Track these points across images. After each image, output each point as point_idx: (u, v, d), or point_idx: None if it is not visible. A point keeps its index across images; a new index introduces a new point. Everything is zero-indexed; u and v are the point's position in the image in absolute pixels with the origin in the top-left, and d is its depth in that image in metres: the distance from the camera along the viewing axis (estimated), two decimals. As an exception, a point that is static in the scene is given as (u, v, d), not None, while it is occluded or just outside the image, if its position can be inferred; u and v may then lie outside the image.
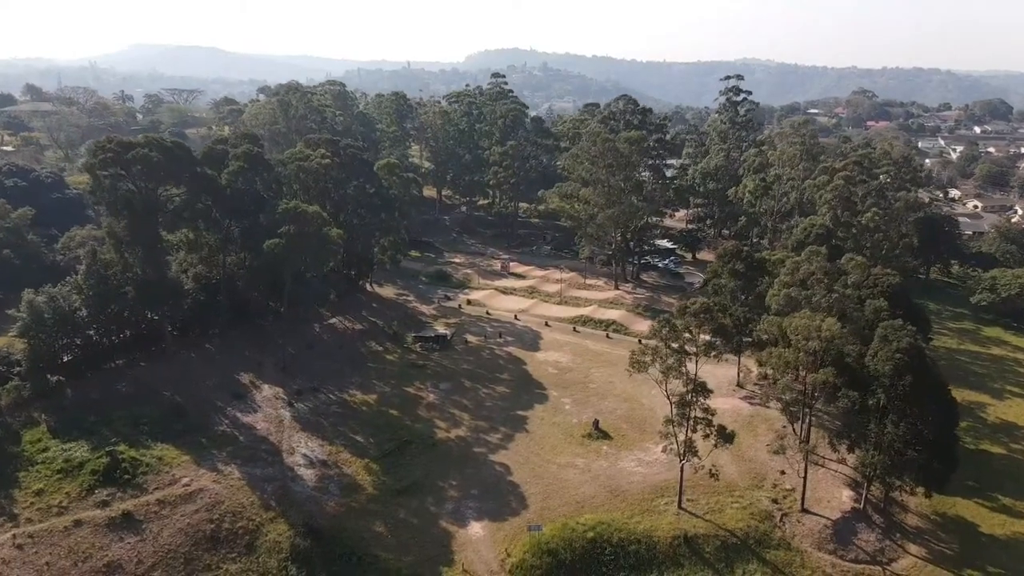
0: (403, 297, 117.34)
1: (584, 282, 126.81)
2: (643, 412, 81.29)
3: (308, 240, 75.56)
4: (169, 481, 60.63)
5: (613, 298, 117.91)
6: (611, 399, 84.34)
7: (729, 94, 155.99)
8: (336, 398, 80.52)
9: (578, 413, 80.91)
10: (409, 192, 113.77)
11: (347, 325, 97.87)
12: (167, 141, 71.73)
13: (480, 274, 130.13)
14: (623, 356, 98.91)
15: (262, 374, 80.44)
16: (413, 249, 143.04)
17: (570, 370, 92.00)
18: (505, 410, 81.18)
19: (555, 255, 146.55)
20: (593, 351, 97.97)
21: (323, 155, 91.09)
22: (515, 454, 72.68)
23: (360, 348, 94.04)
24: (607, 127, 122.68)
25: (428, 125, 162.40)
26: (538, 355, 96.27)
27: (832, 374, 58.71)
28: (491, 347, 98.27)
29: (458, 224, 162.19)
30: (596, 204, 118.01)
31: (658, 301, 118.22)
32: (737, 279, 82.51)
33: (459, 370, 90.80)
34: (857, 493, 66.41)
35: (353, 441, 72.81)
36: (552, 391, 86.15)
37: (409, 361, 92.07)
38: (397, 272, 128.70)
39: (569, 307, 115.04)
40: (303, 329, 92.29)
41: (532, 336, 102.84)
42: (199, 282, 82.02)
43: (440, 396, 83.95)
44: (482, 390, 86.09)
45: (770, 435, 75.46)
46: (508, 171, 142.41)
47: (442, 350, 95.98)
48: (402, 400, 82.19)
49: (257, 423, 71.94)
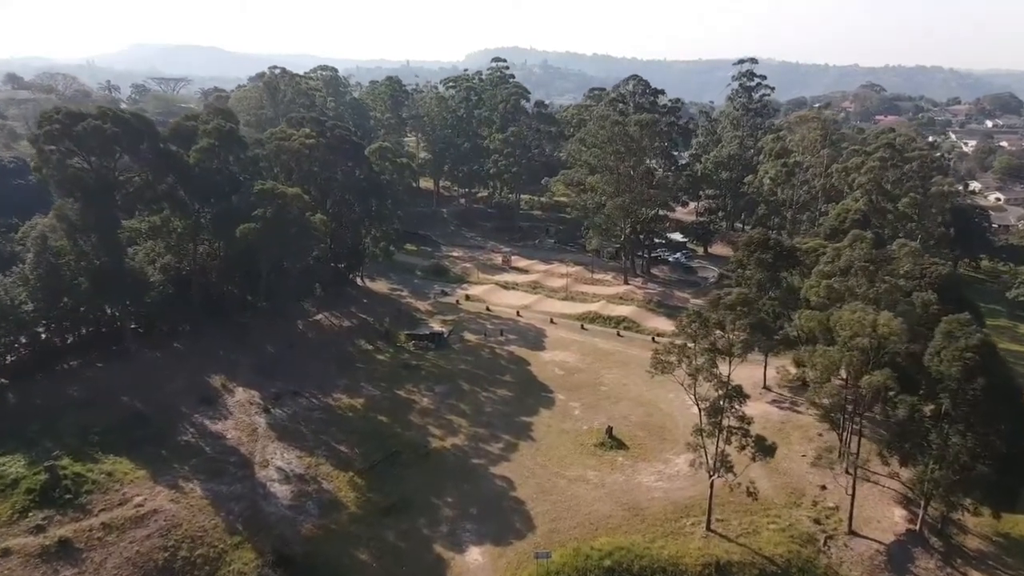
0: (397, 292, 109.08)
1: (591, 276, 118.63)
2: (661, 418, 73.03)
3: (287, 226, 67.35)
4: (118, 501, 52.23)
5: (623, 293, 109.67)
6: (625, 403, 76.05)
7: (742, 79, 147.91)
8: (319, 402, 72.18)
9: (589, 419, 72.60)
10: (403, 179, 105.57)
11: (334, 322, 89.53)
12: (125, 112, 63.46)
13: (479, 268, 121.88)
14: (636, 356, 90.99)
15: (236, 376, 72.03)
16: (409, 242, 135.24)
17: (579, 371, 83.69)
18: (507, 416, 72.89)
19: (559, 249, 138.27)
20: (603, 350, 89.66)
21: (307, 135, 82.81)
22: (519, 466, 64.35)
23: (348, 347, 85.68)
24: (616, 110, 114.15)
25: (425, 113, 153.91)
26: (543, 355, 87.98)
27: (889, 376, 50.31)
28: (491, 346, 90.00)
29: (456, 217, 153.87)
30: (604, 193, 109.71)
31: (671, 297, 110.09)
32: (764, 270, 74.19)
33: (456, 371, 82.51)
34: (911, 512, 58.09)
35: (336, 451, 64.46)
36: (559, 394, 77.86)
37: (401, 361, 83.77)
38: (391, 266, 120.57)
39: (576, 303, 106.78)
40: (285, 326, 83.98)
41: (536, 334, 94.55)
42: (167, 274, 73.66)
43: (435, 400, 75.65)
44: (482, 393, 77.80)
45: (805, 444, 67.31)
46: (509, 159, 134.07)
47: (438, 349, 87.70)
48: (393, 404, 73.88)
49: (227, 431, 63.56)
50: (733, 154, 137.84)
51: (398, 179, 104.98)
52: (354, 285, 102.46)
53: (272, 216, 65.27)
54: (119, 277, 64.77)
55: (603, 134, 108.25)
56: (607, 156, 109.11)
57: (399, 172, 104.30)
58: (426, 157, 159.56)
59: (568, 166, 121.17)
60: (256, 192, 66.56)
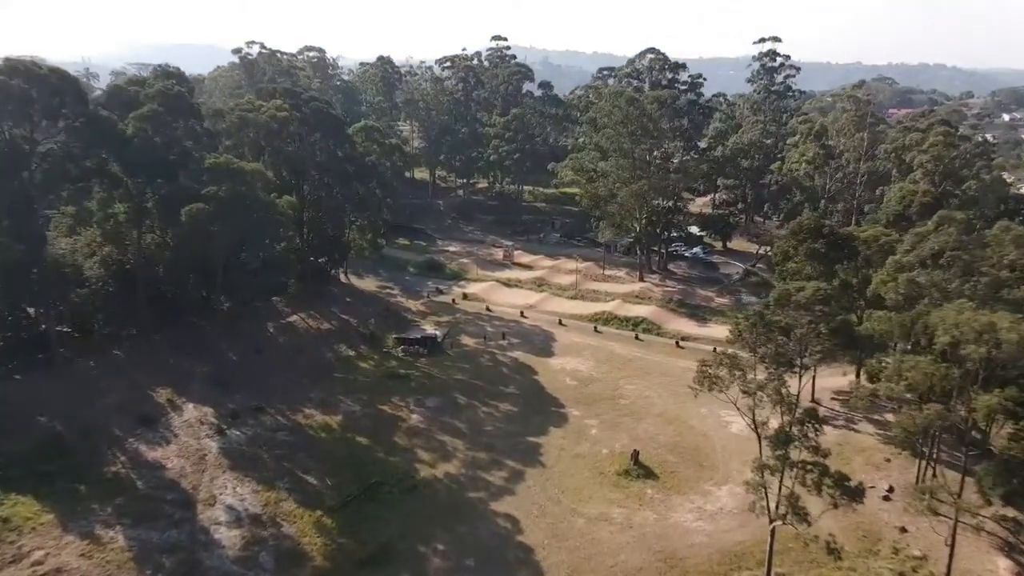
0: (386, 290, 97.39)
1: (602, 273, 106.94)
2: (694, 438, 61.34)
3: (246, 209, 55.58)
4: (11, 557, 40.50)
5: (639, 291, 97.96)
6: (650, 420, 64.37)
7: (764, 59, 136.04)
8: (286, 421, 60.44)
9: (609, 440, 60.88)
10: (392, 161, 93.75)
11: (311, 324, 77.77)
12: (42, 67, 51.90)
13: (479, 264, 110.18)
14: (659, 363, 79.41)
15: (188, 389, 60.28)
16: (401, 236, 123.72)
17: (593, 381, 71.98)
18: (511, 436, 61.18)
19: (566, 243, 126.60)
20: (621, 356, 77.94)
21: (279, 107, 70.98)
22: (527, 501, 52.63)
23: (326, 353, 73.96)
24: (631, 87, 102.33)
25: (420, 97, 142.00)
26: (552, 361, 76.29)
27: (1010, 396, 38.61)
28: (492, 351, 78.31)
29: (454, 209, 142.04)
30: (618, 179, 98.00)
31: (692, 295, 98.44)
32: (816, 262, 62.52)
33: (451, 381, 70.80)
34: (1018, 564, 46.42)
35: (302, 483, 52.71)
36: (572, 409, 66.14)
37: (388, 370, 72.06)
38: (380, 261, 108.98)
39: (587, 302, 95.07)
40: (251, 329, 72.28)
41: (543, 337, 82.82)
42: (107, 268, 61.89)
43: (425, 417, 63.94)
44: (481, 408, 66.07)
45: (873, 473, 55.56)
46: (511, 145, 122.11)
47: (430, 355, 76.02)
48: (375, 423, 62.18)
49: (168, 459, 51.79)
50: (755, 141, 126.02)
51: (386, 162, 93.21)
52: (336, 282, 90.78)
53: (227, 196, 53.58)
54: (38, 271, 52.97)
55: (617, 113, 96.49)
56: (621, 137, 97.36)
57: (388, 155, 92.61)
58: (421, 146, 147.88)
59: (577, 150, 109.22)
60: (208, 167, 54.82)
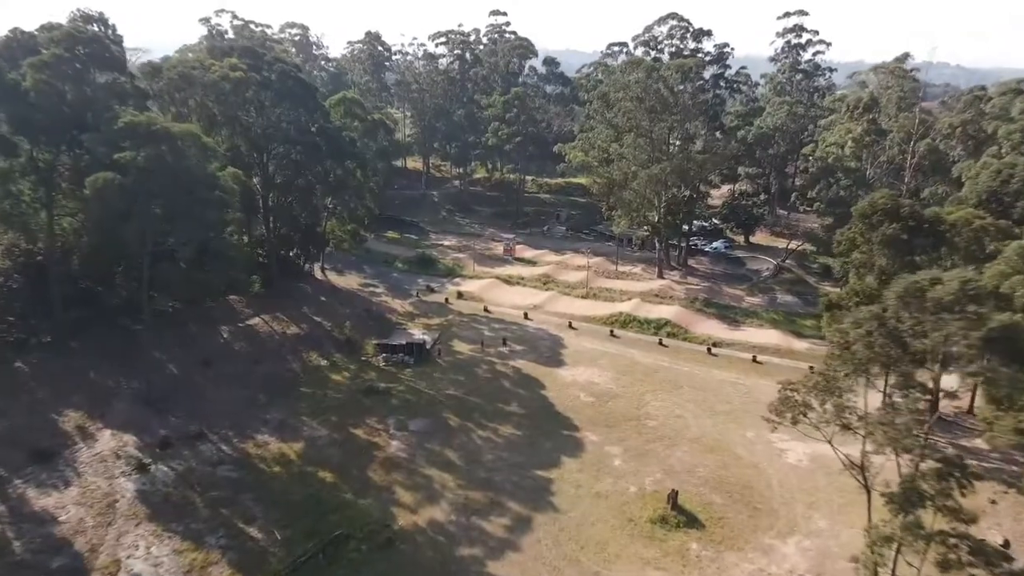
0: (369, 288, 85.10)
1: (615, 269, 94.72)
2: (743, 471, 49.06)
3: (174, 182, 43.28)
4: None
5: (658, 290, 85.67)
6: (685, 447, 52.09)
7: (789, 36, 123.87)
8: (231, 451, 48.17)
9: (636, 474, 48.56)
10: (377, 141, 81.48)
11: (275, 328, 65.49)
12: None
13: (476, 260, 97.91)
14: (690, 373, 67.08)
15: (108, 412, 48.06)
16: (390, 229, 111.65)
17: (613, 396, 59.67)
18: (515, 469, 48.85)
19: (573, 237, 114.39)
20: (644, 366, 65.68)
21: (233, 66, 58.60)
22: (536, 562, 40.30)
23: (291, 363, 61.68)
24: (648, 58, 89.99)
25: (412, 78, 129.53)
26: (562, 372, 64.01)
27: None
28: (491, 360, 66.05)
29: (449, 200, 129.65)
30: (635, 161, 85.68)
31: (719, 294, 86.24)
32: (893, 251, 50.32)
33: (441, 398, 58.52)
34: None
35: (242, 538, 40.39)
36: (589, 433, 53.81)
37: (365, 383, 59.79)
38: (366, 257, 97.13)
39: (600, 302, 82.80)
40: (201, 335, 60.06)
41: (551, 343, 70.56)
42: (13, 259, 49.62)
43: (408, 443, 51.62)
44: (477, 432, 53.73)
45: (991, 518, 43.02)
46: (512, 128, 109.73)
47: (418, 365, 63.79)
48: (344, 452, 49.88)
49: (64, 509, 39.51)
50: (780, 125, 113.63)
51: (371, 143, 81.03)
52: (310, 279, 78.51)
53: (147, 165, 41.33)
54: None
55: (634, 87, 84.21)
56: (638, 114, 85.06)
57: (371, 133, 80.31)
58: (414, 131, 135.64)
59: (586, 130, 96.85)
60: (123, 127, 42.53)
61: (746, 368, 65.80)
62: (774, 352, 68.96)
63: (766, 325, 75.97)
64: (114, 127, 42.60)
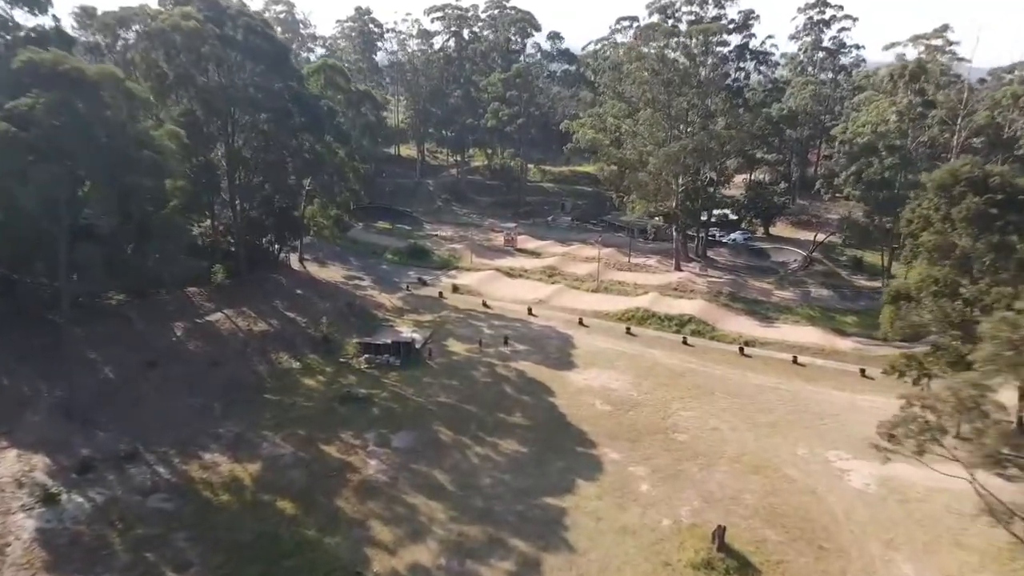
0: (354, 281, 76.21)
1: (627, 261, 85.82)
2: (798, 499, 40.02)
3: (88, 136, 34.26)
4: None
5: (677, 283, 76.73)
6: (725, 467, 43.10)
7: (811, 12, 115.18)
8: (170, 474, 39.15)
9: (669, 502, 39.53)
10: (361, 115, 72.55)
11: (240, 324, 56.41)
12: None
13: (474, 251, 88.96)
14: (722, 377, 57.75)
15: (17, 427, 39.06)
16: (381, 219, 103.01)
17: (635, 405, 50.64)
18: (519, 496, 39.82)
19: (579, 227, 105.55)
20: (667, 368, 56.70)
21: (186, 14, 49.53)
22: (548, 621, 31.32)
23: (256, 365, 52.67)
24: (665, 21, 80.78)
25: (406, 58, 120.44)
26: (573, 376, 55.00)
27: None
28: (491, 361, 57.07)
29: (445, 189, 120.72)
30: (651, 138, 76.76)
31: (745, 287, 77.42)
32: (981, 229, 41.36)
33: (431, 406, 49.49)
34: None
35: (170, 593, 31.41)
36: (608, 450, 44.76)
37: (342, 389, 50.78)
38: (353, 247, 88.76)
39: (613, 296, 73.87)
40: (151, 331, 51.05)
41: (559, 342, 61.60)
42: (-92, 239, 40.48)
43: (390, 463, 42.61)
44: (473, 449, 44.69)
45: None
46: (514, 108, 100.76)
47: (405, 367, 54.81)
48: (311, 475, 40.86)
49: (-65, 556, 30.45)
50: (803, 106, 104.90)
51: (354, 118, 72.13)
52: (285, 269, 69.49)
53: (50, 114, 32.32)
54: None
55: (651, 56, 75.27)
56: (655, 87, 76.04)
57: (354, 106, 71.33)
58: (408, 117, 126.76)
59: (597, 105, 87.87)
60: (21, 66, 33.54)
61: (786, 371, 56.86)
62: (816, 352, 60.02)
63: (803, 322, 67.05)
64: (12, 67, 33.70)
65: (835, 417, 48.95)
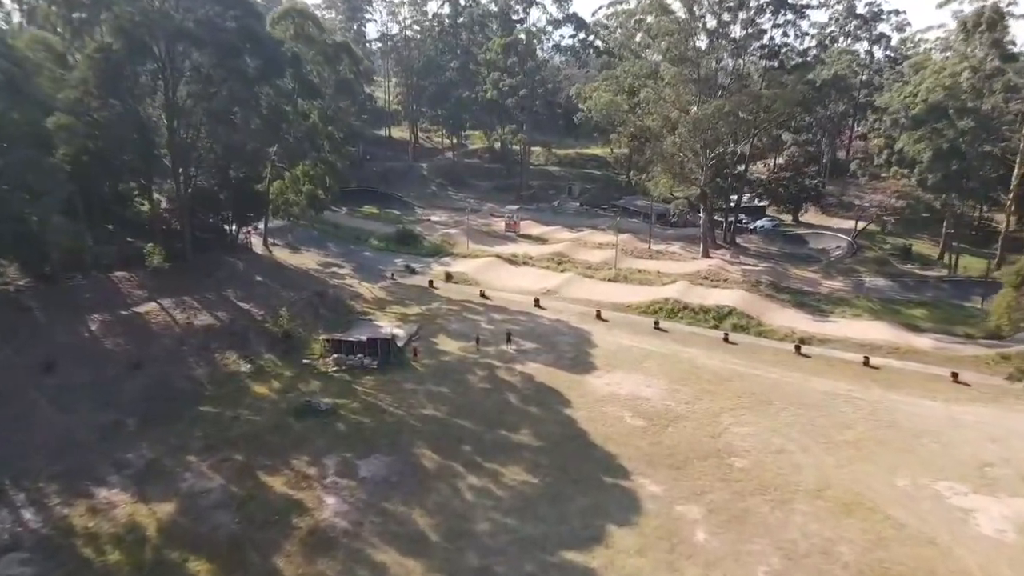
0: (331, 268, 65.28)
1: (647, 248, 74.98)
2: (916, 553, 28.95)
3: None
4: None
5: (707, 271, 65.77)
6: (804, 504, 32.00)
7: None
8: (42, 521, 28.10)
9: (738, 559, 28.43)
10: (336, 73, 61.53)
11: (177, 317, 45.29)
12: None
13: (471, 237, 77.95)
14: (778, 381, 45.57)
15: None
16: (368, 203, 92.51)
17: (674, 417, 39.53)
18: (529, 549, 28.71)
19: (588, 213, 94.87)
20: (710, 370, 45.64)
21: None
22: None
23: (193, 369, 41.57)
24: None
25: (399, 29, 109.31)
26: (594, 381, 43.91)
27: None
28: (490, 363, 45.99)
29: (440, 173, 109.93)
30: (677, 102, 65.77)
31: (787, 276, 66.62)
32: None
33: (414, 421, 38.38)
34: None
35: None
36: (646, 480, 33.61)
37: (301, 400, 39.66)
38: (334, 233, 78.49)
39: (633, 285, 62.85)
40: (55, 325, 40.02)
41: (574, 339, 50.54)
42: None
43: (355, 502, 31.44)
44: (467, 479, 33.51)
45: None
46: (516, 78, 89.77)
47: (384, 371, 43.77)
48: (245, 519, 29.75)
49: None
50: (842, 75, 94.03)
51: (330, 76, 61.11)
52: (245, 253, 58.40)
53: None
54: None
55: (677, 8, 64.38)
56: (681, 44, 64.96)
57: (331, 62, 60.28)
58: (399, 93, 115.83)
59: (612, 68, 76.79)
60: None
61: (858, 374, 45.83)
62: (890, 352, 48.96)
63: (864, 316, 56.04)
64: None
65: (935, 435, 37.94)
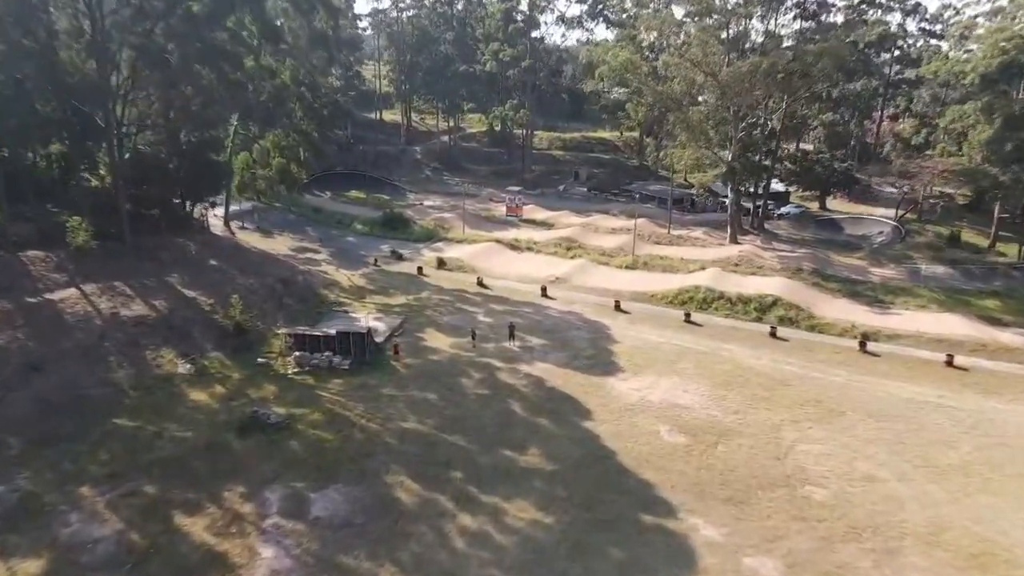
0: (306, 254, 56.72)
1: (666, 233, 66.54)
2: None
3: None
4: None
5: (738, 257, 57.22)
6: (916, 554, 23.32)
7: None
8: None
9: (844, 643, 19.75)
10: (310, 25, 52.96)
11: (101, 306, 36.57)
12: None
13: (467, 221, 69.39)
14: (845, 385, 35.86)
15: None
16: (356, 188, 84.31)
17: (723, 432, 30.81)
18: (546, 630, 20.06)
19: (597, 198, 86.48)
20: (758, 372, 36.95)
21: None
22: None
23: (114, 370, 32.87)
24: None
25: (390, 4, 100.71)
26: (617, 385, 35.19)
27: None
28: (488, 363, 37.27)
29: (434, 157, 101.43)
30: (705, 63, 57.07)
31: (829, 263, 58.03)
32: None
33: (390, 438, 29.64)
34: None
35: None
36: (698, 519, 24.86)
37: (247, 409, 30.95)
38: (316, 218, 70.45)
39: (656, 273, 54.24)
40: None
41: (590, 334, 41.88)
42: None
43: (300, 555, 22.68)
44: (458, 521, 24.71)
45: None
46: (518, 48, 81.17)
47: (357, 372, 35.13)
48: (142, 582, 21.08)
49: None
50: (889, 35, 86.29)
51: (302, 27, 52.57)
52: (200, 233, 49.72)
53: None
54: None
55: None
56: None
57: (301, 10, 51.71)
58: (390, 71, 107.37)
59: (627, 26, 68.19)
60: None
61: (944, 377, 37.17)
62: (975, 349, 40.31)
63: (932, 307, 47.38)
64: None
65: (1064, 455, 29.33)
